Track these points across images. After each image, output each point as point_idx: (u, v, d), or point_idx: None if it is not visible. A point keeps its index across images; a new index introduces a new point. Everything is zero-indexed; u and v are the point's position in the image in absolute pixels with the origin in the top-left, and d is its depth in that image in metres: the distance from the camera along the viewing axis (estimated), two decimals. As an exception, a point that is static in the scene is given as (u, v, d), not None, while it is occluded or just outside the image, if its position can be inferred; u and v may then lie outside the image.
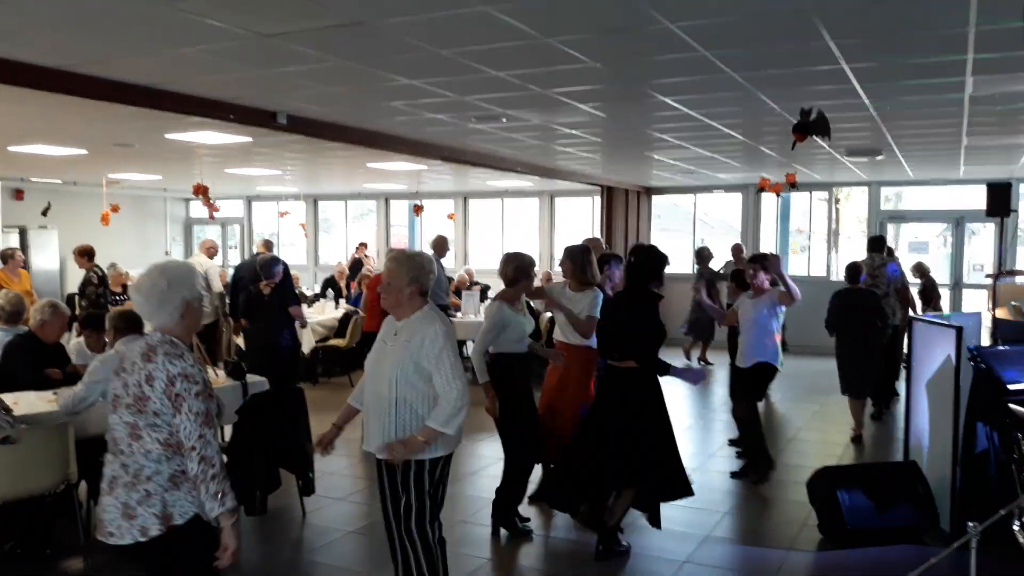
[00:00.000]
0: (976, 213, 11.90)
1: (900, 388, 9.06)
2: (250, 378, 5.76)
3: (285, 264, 7.77)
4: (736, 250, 11.42)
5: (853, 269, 7.80)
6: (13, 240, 13.67)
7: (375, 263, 13.67)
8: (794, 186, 10.81)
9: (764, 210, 14.14)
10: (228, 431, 5.43)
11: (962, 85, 5.53)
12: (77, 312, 9.15)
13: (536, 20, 4.01)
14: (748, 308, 6.45)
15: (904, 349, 8.83)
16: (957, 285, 12.91)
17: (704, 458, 7.02)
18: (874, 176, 12.36)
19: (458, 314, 10.22)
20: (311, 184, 15.87)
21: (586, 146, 8.99)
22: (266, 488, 5.21)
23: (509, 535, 5.18)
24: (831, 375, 7.90)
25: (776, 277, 6.27)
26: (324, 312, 11.11)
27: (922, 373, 5.68)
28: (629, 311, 4.79)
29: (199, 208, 16.58)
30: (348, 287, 12.65)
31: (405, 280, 3.55)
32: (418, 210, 13.85)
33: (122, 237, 15.17)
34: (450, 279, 10.98)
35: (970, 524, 3.23)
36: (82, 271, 10.04)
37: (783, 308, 6.37)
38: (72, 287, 12.22)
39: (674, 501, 4.94)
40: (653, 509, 4.97)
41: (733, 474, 6.49)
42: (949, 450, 5.09)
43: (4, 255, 10.00)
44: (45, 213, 14.81)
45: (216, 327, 10.43)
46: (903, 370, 9.26)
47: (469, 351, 5.15)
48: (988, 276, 10.70)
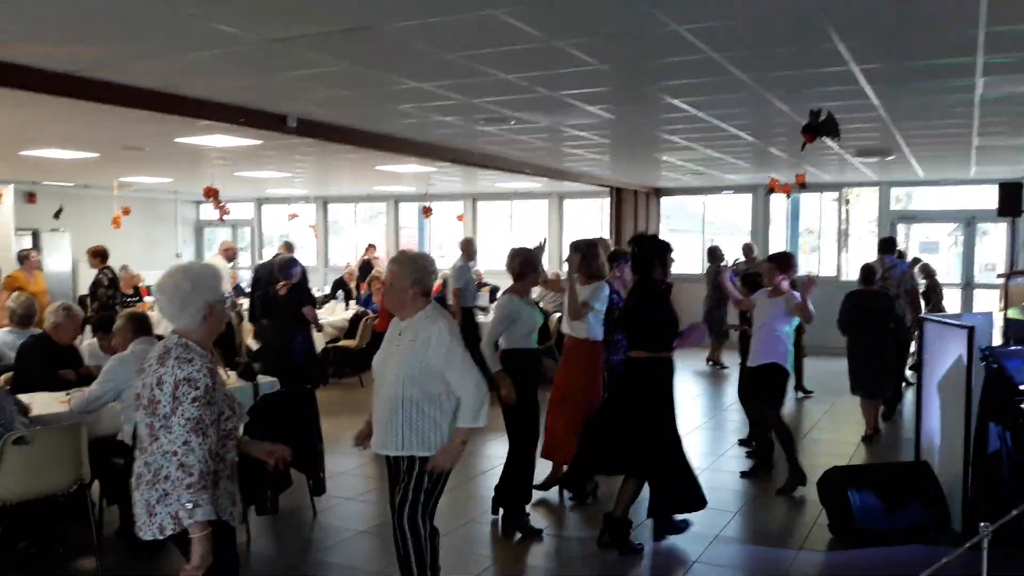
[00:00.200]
0: (987, 213, 11.82)
1: (903, 389, 9.06)
2: (261, 379, 5.80)
3: (303, 267, 7.82)
4: (747, 249, 11.38)
5: (868, 271, 7.74)
6: (26, 243, 13.76)
7: (384, 265, 13.70)
8: (804, 187, 10.77)
9: (774, 210, 14.09)
10: (240, 431, 5.44)
11: (972, 87, 5.50)
12: (88, 314, 9.21)
13: (543, 23, 4.02)
14: (763, 308, 6.33)
15: (912, 350, 8.84)
16: (968, 285, 12.83)
17: (714, 458, 7.02)
18: (884, 176, 12.30)
19: (481, 316, 10.14)
20: (321, 186, 15.93)
21: (594, 148, 8.99)
22: (277, 488, 5.24)
23: (521, 535, 5.19)
24: (842, 375, 7.87)
25: (801, 292, 6.09)
26: (334, 313, 11.18)
27: (934, 373, 5.66)
28: (636, 302, 4.99)
29: (209, 210, 16.61)
30: (358, 288, 12.74)
31: (408, 281, 3.59)
32: (427, 212, 13.85)
33: (133, 240, 15.25)
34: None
35: (982, 524, 3.22)
36: (94, 272, 10.12)
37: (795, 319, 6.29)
38: (84, 289, 12.28)
39: (687, 513, 5.07)
40: (663, 519, 5.05)
41: (743, 474, 6.50)
42: (960, 450, 5.08)
43: (20, 256, 10.19)
44: (57, 216, 14.91)
45: (229, 328, 10.48)
46: (909, 371, 9.29)
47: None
48: (999, 276, 10.64)
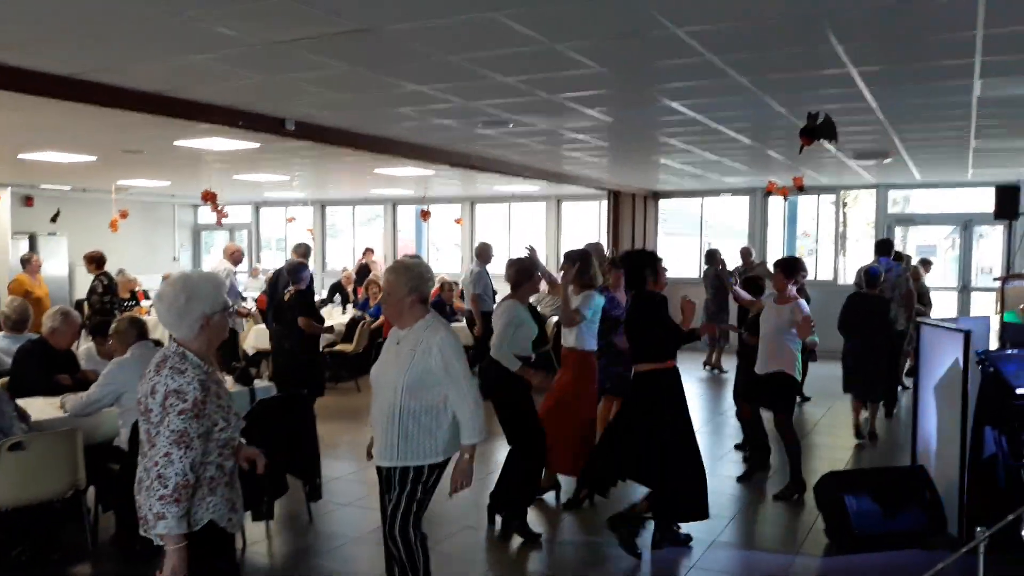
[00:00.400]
0: (984, 216, 11.85)
1: (898, 393, 9.06)
2: (258, 383, 5.79)
3: (311, 272, 7.81)
4: (745, 253, 11.38)
5: (873, 274, 7.70)
6: (23, 247, 13.74)
7: (381, 268, 13.69)
8: (802, 189, 10.77)
9: (771, 213, 14.11)
10: (237, 438, 5.43)
11: (970, 88, 5.51)
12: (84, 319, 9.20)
13: (543, 26, 4.03)
14: (770, 314, 6.20)
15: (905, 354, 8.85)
16: (965, 288, 12.84)
17: (712, 462, 6.98)
18: (882, 179, 12.32)
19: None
20: (319, 190, 15.92)
21: (593, 150, 8.99)
22: (273, 493, 5.22)
23: (521, 540, 5.18)
24: (839, 379, 7.88)
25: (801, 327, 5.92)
26: (332, 317, 11.12)
27: (930, 377, 5.66)
28: (633, 315, 5.06)
29: (207, 214, 16.65)
30: (355, 292, 12.72)
31: (404, 290, 3.58)
32: (425, 215, 13.84)
33: (131, 243, 15.25)
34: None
35: (978, 529, 3.22)
36: (91, 277, 10.11)
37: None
38: (81, 293, 12.29)
39: (688, 523, 5.08)
40: (664, 524, 5.05)
41: (739, 478, 6.49)
42: (957, 454, 5.08)
43: (23, 259, 10.22)
44: (54, 220, 14.89)
45: (232, 333, 10.46)
46: (904, 376, 9.30)
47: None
48: (996, 279, 10.66)
